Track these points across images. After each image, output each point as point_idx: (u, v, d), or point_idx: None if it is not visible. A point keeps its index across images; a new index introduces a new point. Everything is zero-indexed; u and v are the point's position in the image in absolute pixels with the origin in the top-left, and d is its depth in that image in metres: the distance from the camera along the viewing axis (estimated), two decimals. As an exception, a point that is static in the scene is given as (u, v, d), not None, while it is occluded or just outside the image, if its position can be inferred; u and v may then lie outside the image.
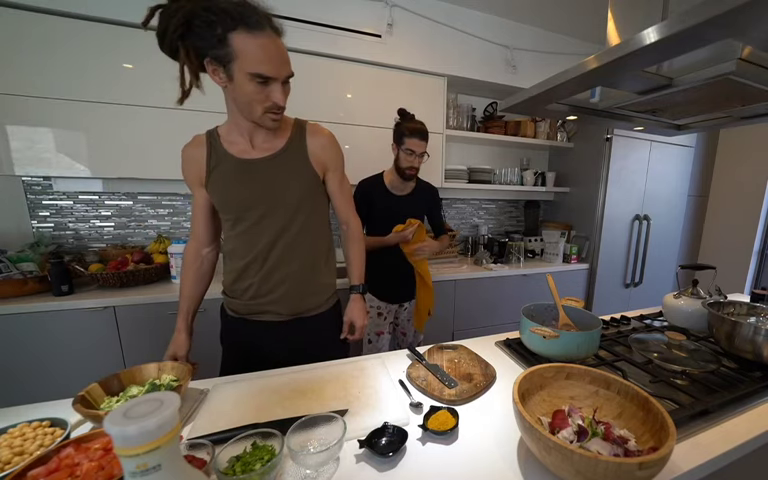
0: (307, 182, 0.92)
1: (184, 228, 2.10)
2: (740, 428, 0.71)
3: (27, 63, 1.47)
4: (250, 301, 0.95)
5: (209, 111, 1.73)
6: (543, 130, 2.58)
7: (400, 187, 1.59)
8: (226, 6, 0.71)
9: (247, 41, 0.72)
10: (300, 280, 0.95)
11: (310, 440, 0.64)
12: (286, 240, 0.91)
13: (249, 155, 0.88)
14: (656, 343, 0.99)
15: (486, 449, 0.66)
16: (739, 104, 0.99)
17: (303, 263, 0.94)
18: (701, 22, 0.55)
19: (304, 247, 0.94)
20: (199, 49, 0.75)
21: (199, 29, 0.72)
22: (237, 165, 0.87)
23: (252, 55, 0.73)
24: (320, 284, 1.00)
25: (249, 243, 0.90)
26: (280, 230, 0.90)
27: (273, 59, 0.76)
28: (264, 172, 0.88)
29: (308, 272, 0.96)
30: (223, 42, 0.72)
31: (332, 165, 0.97)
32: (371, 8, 1.94)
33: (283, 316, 0.96)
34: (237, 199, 0.88)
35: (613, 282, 2.60)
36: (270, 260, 0.91)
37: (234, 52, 0.73)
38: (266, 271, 0.92)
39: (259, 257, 0.91)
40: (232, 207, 0.89)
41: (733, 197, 2.99)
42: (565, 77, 0.85)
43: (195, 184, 0.91)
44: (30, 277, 1.52)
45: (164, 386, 0.79)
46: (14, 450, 0.60)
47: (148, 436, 0.36)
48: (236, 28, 0.71)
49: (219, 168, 0.88)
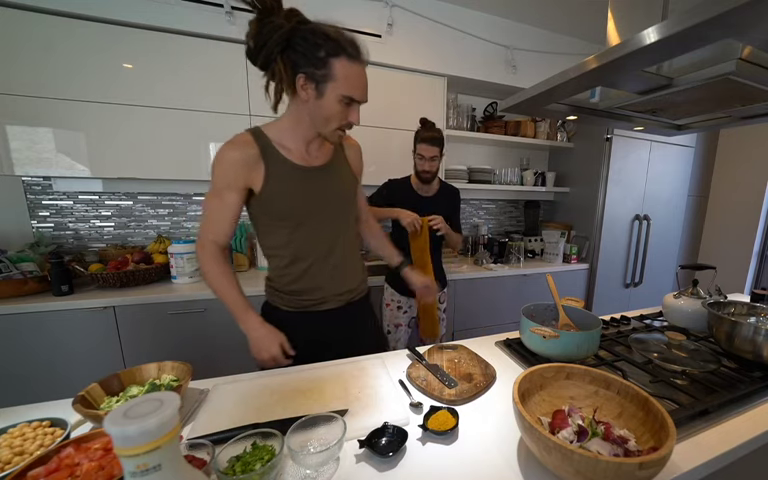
0: (351, 186, 1.05)
1: (184, 228, 2.11)
2: (740, 428, 0.71)
3: (27, 63, 1.47)
4: (314, 296, 1.00)
5: (209, 111, 1.74)
6: (543, 130, 2.58)
7: (424, 188, 1.69)
8: (331, 33, 0.80)
9: (347, 67, 0.82)
10: (354, 269, 1.07)
11: (310, 440, 0.64)
12: (343, 237, 1.01)
13: (308, 163, 0.94)
14: (656, 343, 0.99)
15: (486, 449, 0.66)
16: (739, 104, 0.99)
17: (354, 255, 1.07)
18: (701, 22, 0.55)
19: (352, 241, 1.07)
20: (295, 64, 0.82)
21: (300, 48, 0.80)
22: (299, 173, 0.92)
23: (348, 81, 0.83)
24: (362, 270, 1.12)
25: (311, 244, 0.96)
26: (338, 230, 1.00)
27: (363, 86, 0.87)
28: (322, 179, 0.95)
29: (357, 261, 1.09)
30: (324, 64, 0.80)
31: (359, 171, 1.11)
32: (371, 8, 1.94)
33: (341, 302, 1.04)
34: (301, 206, 0.93)
35: (613, 282, 2.60)
36: (333, 257, 0.99)
37: (332, 75, 0.81)
38: (331, 267, 1.00)
39: (322, 256, 0.98)
40: (296, 214, 0.93)
41: (733, 197, 2.99)
42: (565, 77, 0.85)
43: (233, 187, 0.87)
44: (30, 277, 1.52)
45: (164, 386, 0.79)
46: (14, 450, 0.60)
47: (148, 436, 0.36)
48: (339, 55, 0.80)
49: (279, 176, 0.89)
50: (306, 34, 0.79)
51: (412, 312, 1.77)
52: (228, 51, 1.73)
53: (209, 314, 1.67)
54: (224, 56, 1.73)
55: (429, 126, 1.63)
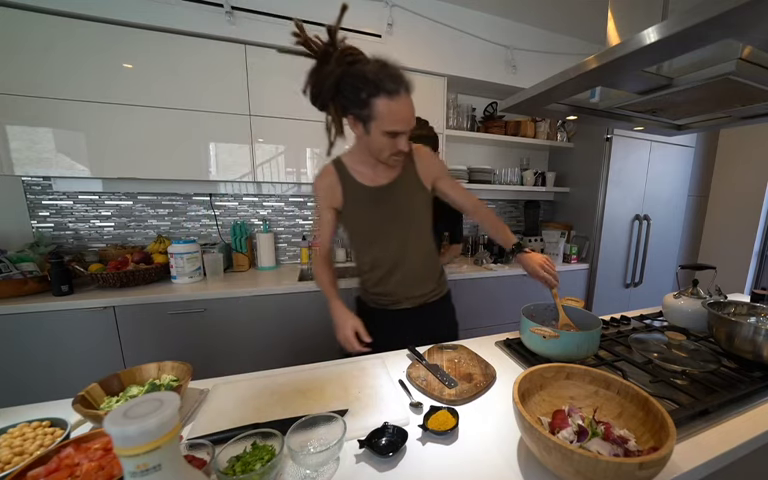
0: (421, 198, 1.09)
1: (184, 228, 2.11)
2: (740, 428, 0.71)
3: (27, 63, 1.47)
4: (391, 297, 1.13)
5: (209, 111, 1.75)
6: (543, 130, 2.58)
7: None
8: (370, 75, 0.85)
9: (388, 105, 0.87)
10: (427, 276, 1.15)
11: (310, 440, 0.64)
12: (413, 248, 1.09)
13: (377, 182, 1.04)
14: (656, 343, 0.99)
15: (486, 449, 0.66)
16: (739, 104, 0.99)
17: (425, 262, 1.13)
18: (701, 22, 0.55)
19: (424, 249, 1.13)
20: (345, 107, 0.91)
21: (346, 92, 0.88)
22: (368, 193, 1.04)
23: (390, 117, 0.88)
24: (436, 273, 1.18)
25: (383, 256, 1.09)
26: (407, 242, 1.08)
27: (404, 119, 0.90)
28: (391, 195, 1.05)
29: (429, 267, 1.15)
30: (366, 105, 0.87)
31: (439, 173, 1.11)
32: (371, 8, 1.94)
33: (416, 303, 1.14)
34: (371, 226, 1.07)
35: (613, 282, 2.60)
36: (403, 267, 1.09)
37: (374, 113, 0.88)
38: (401, 276, 1.10)
39: (393, 266, 1.09)
40: (367, 231, 1.08)
41: (733, 197, 2.99)
42: (565, 77, 0.85)
43: (326, 207, 1.07)
44: (30, 277, 1.52)
45: (164, 386, 0.79)
46: (14, 450, 0.60)
47: (148, 436, 0.36)
48: (378, 95, 0.86)
49: (353, 198, 1.04)
50: (350, 79, 0.87)
51: None
52: (228, 51, 1.73)
53: (209, 314, 1.67)
54: (224, 56, 1.73)
55: (421, 124, 1.52)
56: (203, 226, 2.15)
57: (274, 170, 1.91)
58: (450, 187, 1.14)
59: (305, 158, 1.96)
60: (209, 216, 2.14)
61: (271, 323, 1.77)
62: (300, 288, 1.78)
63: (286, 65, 1.82)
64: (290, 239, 2.32)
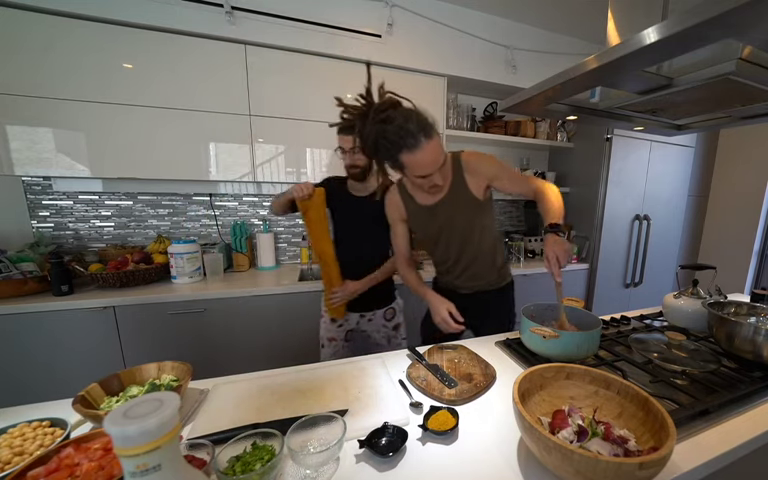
0: (470, 207, 1.18)
1: (184, 228, 2.11)
2: (740, 428, 0.71)
3: (27, 63, 1.47)
4: (454, 284, 1.33)
5: (209, 111, 1.75)
6: (543, 130, 2.58)
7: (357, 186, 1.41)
8: (393, 136, 0.98)
9: (409, 158, 1.00)
10: (484, 271, 1.29)
11: (310, 440, 0.64)
12: (469, 249, 1.24)
13: (428, 202, 1.20)
14: (656, 343, 0.99)
15: (486, 449, 0.66)
16: (739, 104, 0.99)
17: (485, 259, 1.27)
18: (701, 22, 0.55)
19: (482, 249, 1.25)
20: (382, 160, 1.08)
21: (380, 152, 1.04)
22: (425, 211, 1.22)
23: (414, 167, 1.02)
24: (494, 267, 1.30)
25: (444, 256, 1.29)
26: (463, 245, 1.23)
27: (428, 164, 1.02)
28: (441, 210, 1.19)
29: (489, 264, 1.29)
30: (395, 160, 1.03)
31: (492, 175, 1.16)
32: (371, 8, 1.94)
33: (473, 290, 1.30)
34: (431, 233, 1.25)
35: (613, 282, 2.60)
36: (461, 264, 1.27)
37: (402, 164, 1.03)
38: (461, 268, 1.28)
39: (452, 263, 1.29)
40: (429, 237, 1.27)
41: (733, 197, 2.99)
42: (565, 77, 0.85)
43: (398, 220, 1.29)
44: (30, 277, 1.52)
45: (164, 386, 0.79)
46: (14, 450, 0.60)
47: (148, 436, 0.36)
48: (401, 151, 0.99)
49: (413, 213, 1.25)
50: (381, 140, 1.00)
51: (349, 325, 1.50)
52: (228, 51, 1.73)
53: (209, 314, 1.67)
54: (224, 56, 1.73)
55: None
56: (203, 226, 2.15)
57: (274, 170, 1.91)
58: (508, 183, 1.17)
59: (305, 158, 1.96)
60: (209, 216, 2.14)
61: (271, 323, 1.77)
62: (300, 288, 1.78)
63: (286, 65, 1.83)
64: (290, 239, 2.32)
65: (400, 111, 1.01)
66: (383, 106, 1.02)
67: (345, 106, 1.12)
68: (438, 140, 1.02)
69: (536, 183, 1.16)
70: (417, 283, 1.32)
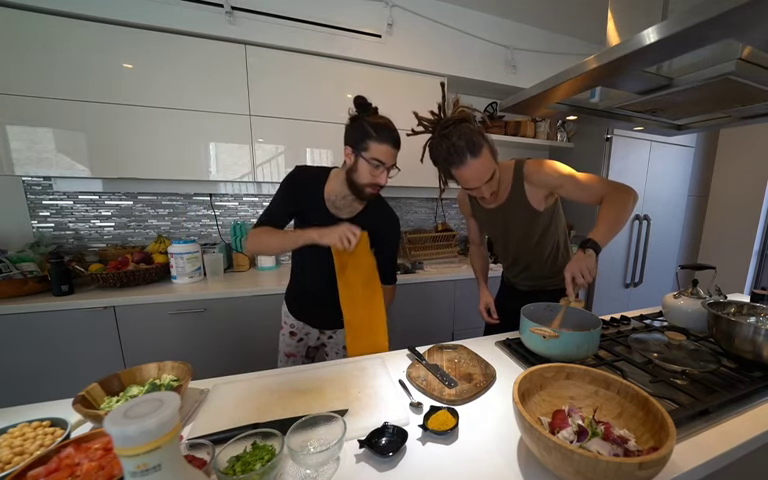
0: (527, 216, 1.21)
1: (184, 228, 2.11)
2: (740, 428, 0.71)
3: (27, 63, 1.47)
4: (512, 280, 1.44)
5: (209, 111, 1.75)
6: (543, 130, 2.58)
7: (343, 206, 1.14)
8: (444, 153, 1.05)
9: (458, 175, 1.08)
10: (539, 273, 1.34)
11: (310, 440, 0.64)
12: (526, 252, 1.30)
13: (488, 205, 1.25)
14: (656, 343, 0.99)
15: (486, 449, 0.66)
16: (739, 104, 0.99)
17: (541, 261, 1.32)
18: (701, 22, 0.55)
19: (539, 252, 1.29)
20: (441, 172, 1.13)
21: (439, 162, 1.10)
22: (486, 213, 1.30)
23: (462, 182, 1.11)
24: (551, 268, 1.33)
25: (504, 253, 1.39)
26: (520, 248, 1.30)
27: (472, 179, 1.08)
28: (499, 216, 1.25)
29: (543, 267, 1.33)
30: (448, 172, 1.09)
31: (553, 184, 1.15)
32: (371, 8, 1.94)
33: (530, 288, 1.38)
34: (491, 233, 1.39)
35: (613, 282, 2.60)
36: (518, 265, 1.36)
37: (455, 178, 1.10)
38: (519, 269, 1.37)
39: (511, 261, 1.38)
40: (491, 237, 1.41)
41: (733, 197, 2.99)
42: (565, 77, 0.85)
43: (468, 215, 1.42)
44: (30, 277, 1.52)
45: (164, 386, 0.79)
46: (14, 450, 0.60)
47: (148, 436, 0.36)
48: (451, 168, 1.08)
49: (478, 214, 1.36)
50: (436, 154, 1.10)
51: (309, 340, 1.34)
52: (228, 51, 1.73)
53: (209, 314, 1.67)
54: (224, 56, 1.73)
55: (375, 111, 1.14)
56: (203, 226, 2.15)
57: (274, 170, 1.91)
58: (573, 191, 1.12)
59: (305, 158, 1.96)
60: (209, 216, 2.14)
61: (271, 323, 1.76)
62: (300, 288, 1.78)
63: (286, 65, 1.83)
64: (290, 239, 2.32)
65: (457, 129, 1.03)
66: (448, 122, 1.05)
67: (419, 119, 1.13)
68: (486, 157, 1.05)
69: (605, 190, 1.07)
70: (478, 272, 1.50)
